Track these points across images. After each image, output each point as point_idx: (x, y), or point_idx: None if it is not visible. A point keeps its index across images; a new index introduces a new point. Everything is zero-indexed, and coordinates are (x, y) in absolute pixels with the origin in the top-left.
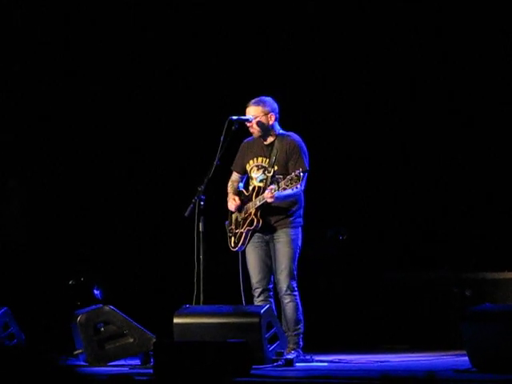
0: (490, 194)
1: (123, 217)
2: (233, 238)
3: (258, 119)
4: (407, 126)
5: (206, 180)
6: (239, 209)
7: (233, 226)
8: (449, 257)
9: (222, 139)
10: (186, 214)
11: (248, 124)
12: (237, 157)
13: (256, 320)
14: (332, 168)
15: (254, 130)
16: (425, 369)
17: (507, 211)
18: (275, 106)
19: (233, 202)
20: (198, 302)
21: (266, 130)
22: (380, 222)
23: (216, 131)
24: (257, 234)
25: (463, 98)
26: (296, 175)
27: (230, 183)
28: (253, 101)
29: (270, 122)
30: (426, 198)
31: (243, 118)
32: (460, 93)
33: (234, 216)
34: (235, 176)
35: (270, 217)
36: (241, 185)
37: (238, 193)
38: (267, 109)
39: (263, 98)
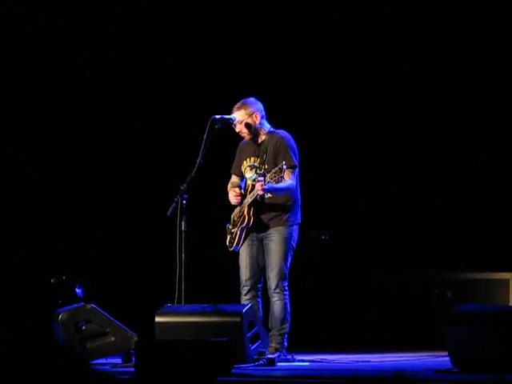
0: (471, 196)
1: (106, 215)
2: (229, 238)
3: (244, 122)
4: (392, 128)
5: (188, 179)
6: (240, 203)
7: (230, 226)
8: (430, 258)
9: (204, 138)
10: (169, 213)
11: (237, 130)
12: (234, 159)
13: (238, 319)
14: (317, 168)
15: (244, 133)
16: (405, 369)
17: (489, 212)
18: (259, 105)
19: (232, 193)
20: (179, 301)
21: (254, 130)
22: (364, 223)
23: (200, 130)
24: (251, 232)
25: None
26: (279, 168)
27: (229, 185)
28: (235, 106)
29: (257, 122)
30: (409, 199)
31: (226, 117)
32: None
33: (232, 216)
34: (234, 178)
35: (263, 215)
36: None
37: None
38: (250, 110)
39: (245, 100)
